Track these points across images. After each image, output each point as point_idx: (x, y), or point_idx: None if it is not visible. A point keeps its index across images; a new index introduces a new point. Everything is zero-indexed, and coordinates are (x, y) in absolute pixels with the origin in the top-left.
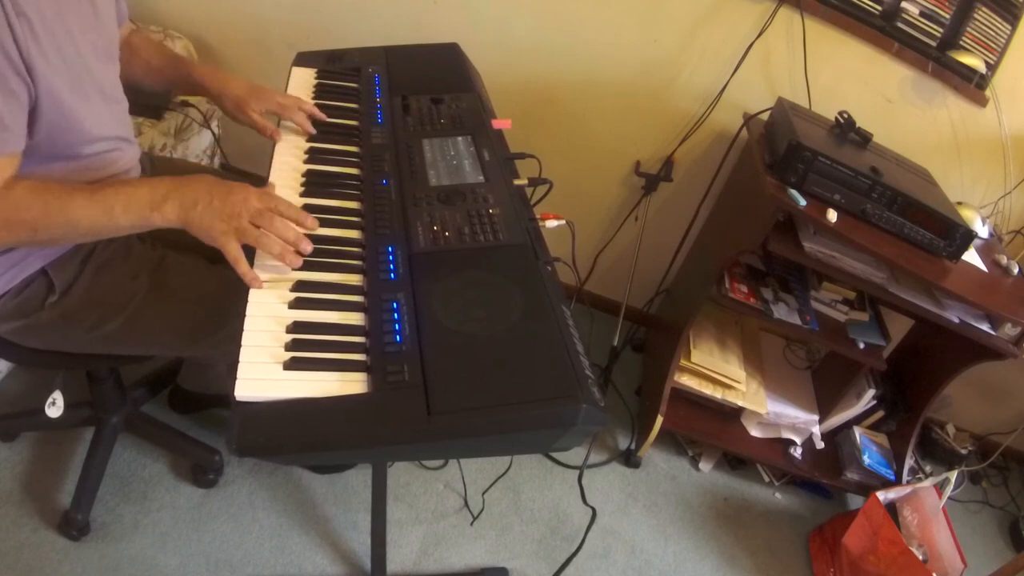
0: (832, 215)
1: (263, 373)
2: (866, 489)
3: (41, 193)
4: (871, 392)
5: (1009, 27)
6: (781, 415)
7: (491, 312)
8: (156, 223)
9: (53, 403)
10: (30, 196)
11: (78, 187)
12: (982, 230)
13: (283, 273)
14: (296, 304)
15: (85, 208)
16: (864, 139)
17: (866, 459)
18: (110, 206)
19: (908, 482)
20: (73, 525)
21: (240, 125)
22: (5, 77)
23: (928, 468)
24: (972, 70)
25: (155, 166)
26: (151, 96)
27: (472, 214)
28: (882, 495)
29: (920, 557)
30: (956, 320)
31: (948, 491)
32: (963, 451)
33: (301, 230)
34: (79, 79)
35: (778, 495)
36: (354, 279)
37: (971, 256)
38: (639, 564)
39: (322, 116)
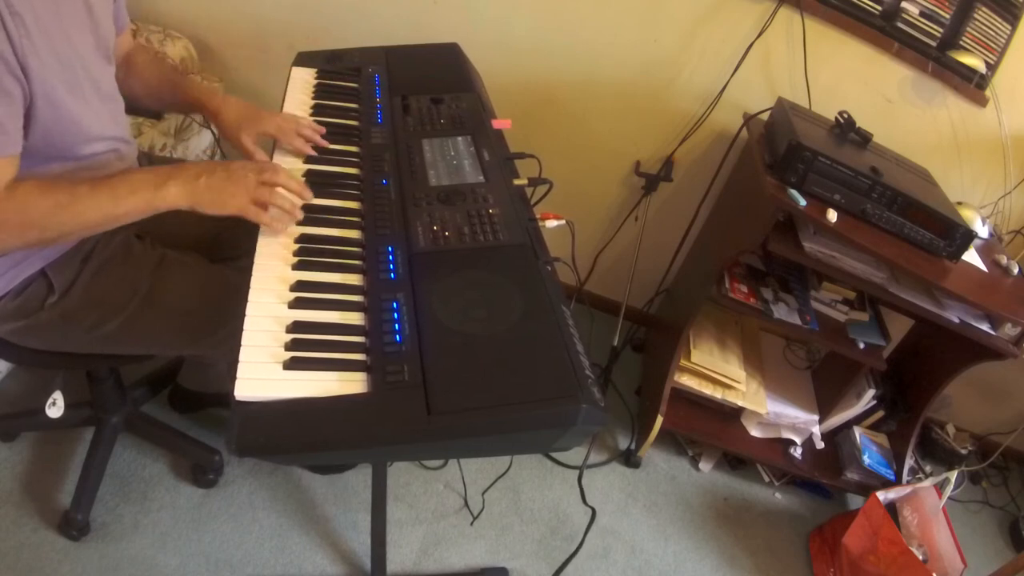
0: (832, 215)
1: (263, 373)
2: (866, 489)
3: (47, 190)
4: (871, 392)
5: (1009, 27)
6: (781, 415)
7: (491, 312)
8: (162, 203)
9: (53, 403)
10: (37, 194)
11: (80, 180)
12: (982, 230)
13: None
14: (296, 304)
15: (92, 198)
16: (864, 139)
17: (866, 459)
18: (115, 192)
19: (908, 482)
20: (73, 525)
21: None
22: (1, 79)
23: (928, 468)
24: (972, 70)
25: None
26: None
27: (472, 214)
28: (882, 495)
29: (920, 557)
30: (956, 320)
31: (948, 491)
32: (963, 451)
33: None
34: (76, 79)
35: (778, 495)
36: (354, 279)
37: (971, 256)
38: (639, 564)
39: (321, 142)
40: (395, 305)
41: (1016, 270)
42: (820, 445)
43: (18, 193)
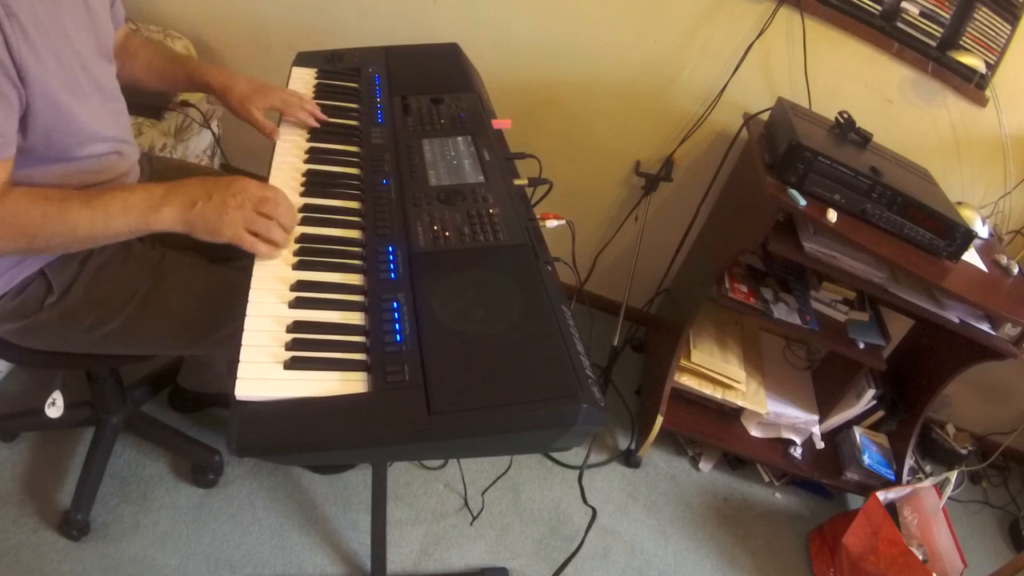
0: (832, 215)
1: (263, 373)
2: (866, 489)
3: (38, 199)
4: (871, 392)
5: (1009, 27)
6: (781, 415)
7: (491, 312)
8: (154, 227)
9: (53, 403)
10: (27, 203)
11: (74, 192)
12: (982, 230)
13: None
14: (296, 304)
15: (82, 212)
16: (864, 139)
17: (866, 459)
18: (107, 210)
19: (908, 482)
20: (73, 525)
21: (241, 124)
22: None
23: (928, 468)
24: (972, 70)
25: (155, 167)
26: (151, 96)
27: (472, 214)
28: (882, 495)
29: (920, 557)
30: (956, 320)
31: (948, 491)
32: (963, 451)
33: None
34: (76, 79)
35: (778, 495)
36: (354, 279)
37: (971, 256)
38: (639, 564)
39: (323, 117)
40: (395, 305)
41: (1016, 270)
42: (820, 445)
43: (9, 199)
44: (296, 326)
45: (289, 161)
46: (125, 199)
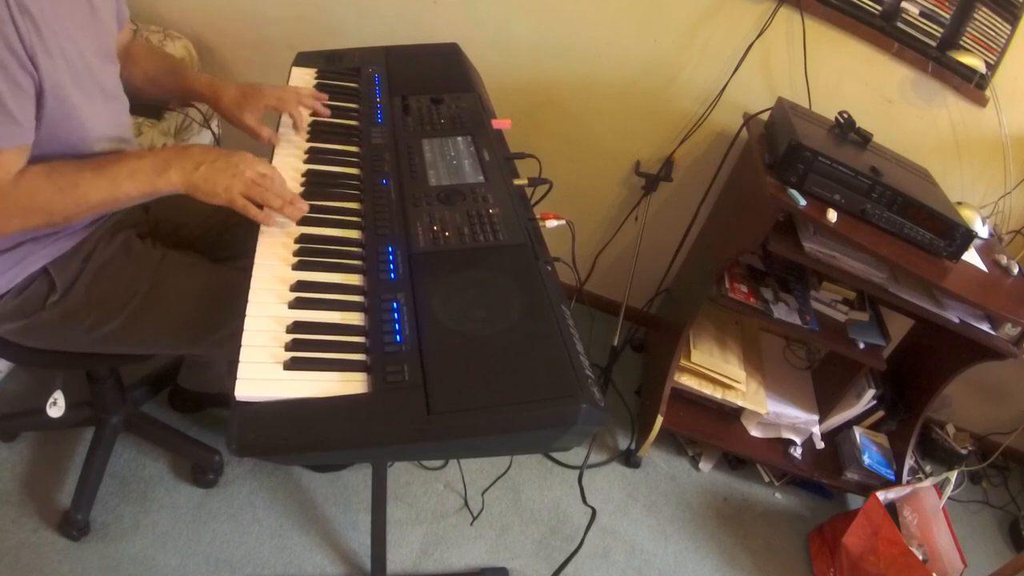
0: (832, 215)
1: (263, 373)
2: (866, 489)
3: (51, 175)
4: (871, 392)
5: (1009, 27)
6: (781, 415)
7: (491, 312)
8: (161, 188)
9: (54, 403)
10: (42, 179)
11: (86, 163)
12: (982, 230)
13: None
14: (296, 304)
15: (94, 181)
16: (864, 139)
17: (866, 459)
18: (117, 176)
19: (908, 482)
20: (73, 525)
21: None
22: (11, 71)
23: (928, 468)
24: (972, 70)
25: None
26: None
27: (472, 214)
28: (882, 495)
29: (920, 557)
30: (956, 320)
31: (948, 491)
32: (963, 451)
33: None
34: (80, 76)
35: (778, 495)
36: (354, 279)
37: (971, 256)
38: (639, 564)
39: (324, 110)
40: (395, 305)
41: (1016, 270)
42: (820, 445)
43: (24, 180)
44: (296, 326)
45: (289, 161)
46: (133, 164)
